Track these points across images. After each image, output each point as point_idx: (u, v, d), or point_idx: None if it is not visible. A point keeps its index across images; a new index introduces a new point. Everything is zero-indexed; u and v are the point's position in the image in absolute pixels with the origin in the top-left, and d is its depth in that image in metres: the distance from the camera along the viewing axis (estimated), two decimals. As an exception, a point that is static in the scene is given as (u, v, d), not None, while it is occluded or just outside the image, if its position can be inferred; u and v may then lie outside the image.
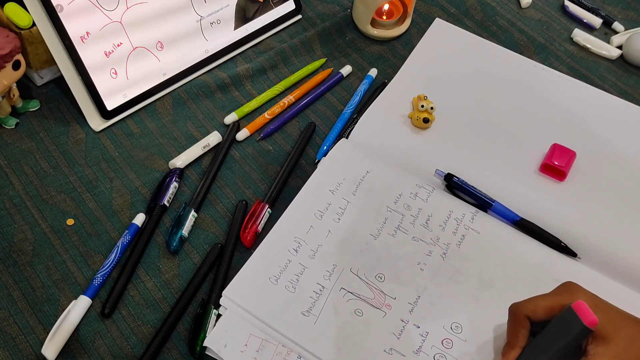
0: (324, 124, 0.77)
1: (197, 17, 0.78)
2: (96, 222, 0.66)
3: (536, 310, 0.54)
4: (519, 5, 0.92)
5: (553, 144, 0.73)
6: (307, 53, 0.84)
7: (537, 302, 0.54)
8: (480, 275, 0.63)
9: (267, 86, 0.80)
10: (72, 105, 0.74)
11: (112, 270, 0.63)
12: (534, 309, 0.54)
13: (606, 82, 0.84)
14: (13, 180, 0.68)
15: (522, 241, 0.66)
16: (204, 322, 0.59)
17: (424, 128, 0.75)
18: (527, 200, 0.69)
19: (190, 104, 0.77)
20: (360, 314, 0.60)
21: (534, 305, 0.54)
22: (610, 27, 0.91)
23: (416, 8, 0.89)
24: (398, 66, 0.82)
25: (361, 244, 0.65)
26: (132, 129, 0.74)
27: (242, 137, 0.74)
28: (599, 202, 0.70)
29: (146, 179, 0.70)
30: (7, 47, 0.66)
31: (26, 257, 0.63)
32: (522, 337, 0.55)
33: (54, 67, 0.72)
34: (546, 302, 0.54)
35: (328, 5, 0.89)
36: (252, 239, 0.65)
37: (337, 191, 0.68)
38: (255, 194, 0.70)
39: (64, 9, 0.68)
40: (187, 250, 0.65)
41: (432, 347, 0.58)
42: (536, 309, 0.54)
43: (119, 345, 0.58)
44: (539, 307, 0.54)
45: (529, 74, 0.82)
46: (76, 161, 0.70)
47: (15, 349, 0.57)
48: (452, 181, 0.70)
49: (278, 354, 0.57)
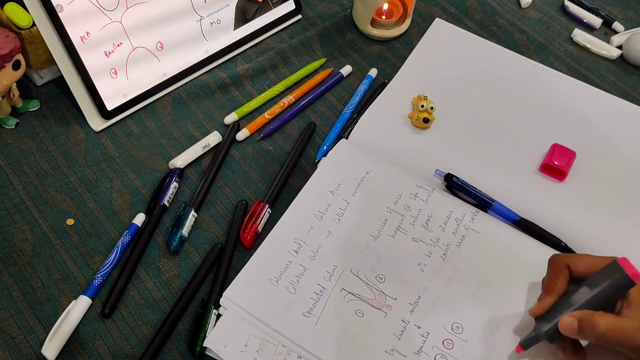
0: (324, 124, 0.77)
1: (197, 17, 0.78)
2: (96, 222, 0.66)
3: (578, 261, 0.55)
4: (519, 5, 0.92)
5: (553, 144, 0.73)
6: (307, 53, 0.84)
7: (580, 256, 0.55)
8: (481, 276, 0.63)
9: (267, 86, 0.80)
10: (72, 105, 0.74)
11: (112, 270, 0.62)
12: (575, 261, 0.55)
13: (606, 82, 0.84)
14: (13, 180, 0.68)
15: (522, 241, 0.66)
16: (204, 322, 0.59)
17: (424, 128, 0.75)
18: (527, 200, 0.69)
19: (190, 104, 0.77)
20: (361, 314, 0.60)
21: (577, 257, 0.55)
22: (610, 27, 0.91)
23: (416, 8, 0.89)
24: (398, 66, 0.82)
25: (361, 245, 0.65)
26: (132, 129, 0.74)
27: (242, 137, 0.74)
28: (599, 202, 0.70)
29: (146, 179, 0.70)
30: (7, 47, 0.66)
31: (26, 257, 0.63)
32: (560, 284, 0.55)
33: (54, 67, 0.72)
34: (590, 258, 0.55)
35: (328, 5, 0.89)
36: (252, 239, 0.65)
37: (337, 192, 0.68)
38: (255, 194, 0.70)
39: (64, 9, 0.68)
40: (187, 250, 0.65)
41: (433, 348, 0.58)
42: (577, 261, 0.55)
43: (119, 345, 0.58)
44: (581, 259, 0.55)
45: (529, 74, 0.82)
46: (76, 161, 0.70)
47: (15, 349, 0.57)
48: (452, 181, 0.70)
49: (278, 354, 0.57)
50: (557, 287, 0.55)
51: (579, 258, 0.55)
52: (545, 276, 0.57)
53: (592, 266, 0.54)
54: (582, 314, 0.51)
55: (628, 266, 0.51)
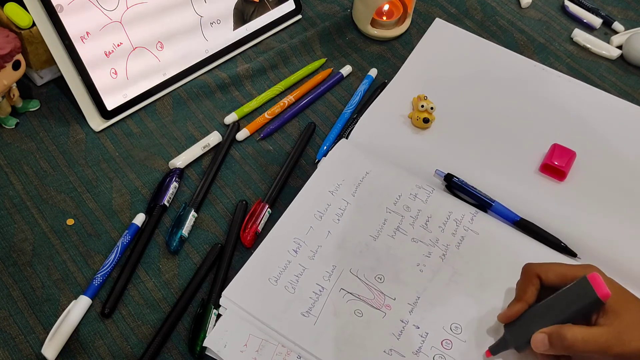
0: (324, 124, 0.77)
1: (197, 17, 0.78)
2: (96, 222, 0.66)
3: (549, 272, 0.55)
4: (519, 5, 0.92)
5: (553, 144, 0.73)
6: (307, 53, 0.84)
7: (552, 266, 0.56)
8: (480, 276, 0.63)
9: (267, 86, 0.80)
10: (72, 105, 0.74)
11: (112, 270, 0.63)
12: (547, 271, 0.55)
13: (606, 82, 0.84)
14: (13, 180, 0.68)
15: (521, 241, 0.66)
16: (204, 322, 0.59)
17: (424, 128, 0.75)
18: (527, 200, 0.69)
19: (190, 104, 0.77)
20: (360, 314, 0.60)
21: (548, 267, 0.56)
22: (610, 27, 0.91)
23: (416, 8, 0.89)
24: (398, 66, 0.82)
25: (361, 245, 0.65)
26: (132, 129, 0.74)
27: (242, 137, 0.74)
28: (599, 202, 0.70)
29: (146, 179, 0.70)
30: (7, 47, 0.66)
31: (26, 257, 0.63)
32: (530, 293, 0.55)
33: (54, 67, 0.72)
34: (561, 268, 0.55)
35: (328, 5, 0.89)
36: (252, 239, 0.65)
37: (336, 192, 0.68)
38: (255, 194, 0.70)
39: (64, 9, 0.68)
40: (187, 250, 0.65)
41: (432, 348, 0.58)
42: (549, 271, 0.55)
43: (119, 345, 0.59)
44: (551, 270, 0.55)
45: (529, 74, 0.82)
46: (76, 161, 0.70)
47: (15, 349, 0.57)
48: (452, 181, 0.70)
49: (278, 354, 0.57)
50: (526, 296, 0.55)
51: (550, 268, 0.56)
52: (517, 284, 0.58)
53: (563, 276, 0.55)
54: (552, 328, 0.52)
55: (598, 285, 0.51)
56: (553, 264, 0.56)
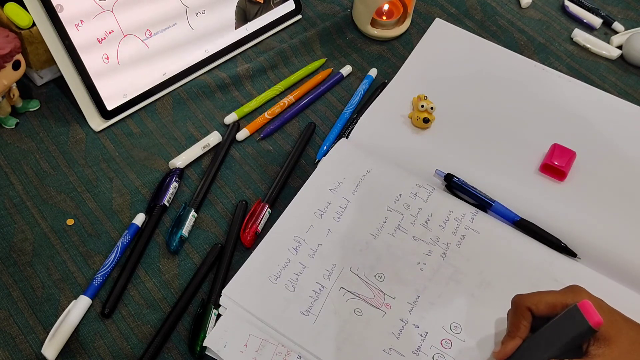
0: (324, 124, 0.77)
1: (197, 17, 0.78)
2: (96, 222, 0.66)
3: (539, 304, 0.54)
4: (519, 5, 0.92)
5: (553, 144, 0.73)
6: (307, 53, 0.84)
7: (541, 297, 0.55)
8: (480, 275, 0.63)
9: (267, 86, 0.80)
10: (72, 105, 0.74)
11: (112, 270, 0.63)
12: (537, 303, 0.54)
13: (606, 82, 0.84)
14: (13, 180, 0.68)
15: (522, 241, 0.66)
16: (204, 322, 0.59)
17: (424, 128, 0.75)
18: (527, 200, 0.69)
19: (190, 104, 0.77)
20: (360, 313, 0.60)
21: (538, 298, 0.55)
22: (610, 27, 0.91)
23: (416, 8, 0.89)
24: (398, 66, 0.82)
25: (361, 244, 0.65)
26: (132, 129, 0.74)
27: (242, 137, 0.74)
28: (599, 202, 0.70)
29: (146, 179, 0.70)
30: (7, 47, 0.66)
31: (26, 257, 0.63)
32: (523, 328, 0.55)
33: (54, 67, 0.72)
34: (550, 297, 0.54)
35: (328, 5, 0.89)
36: (252, 239, 0.65)
37: (337, 190, 0.68)
38: (255, 194, 0.70)
39: (64, 9, 0.68)
40: (187, 250, 0.65)
41: (432, 347, 0.58)
42: (539, 303, 0.54)
43: (119, 345, 0.59)
44: (542, 301, 0.54)
45: (529, 74, 0.82)
46: (76, 161, 0.70)
47: (15, 349, 0.57)
48: (452, 181, 0.70)
49: (278, 354, 0.57)
50: (519, 332, 0.55)
51: (540, 299, 0.54)
52: (508, 318, 0.57)
53: (553, 306, 0.54)
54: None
55: (589, 313, 0.50)
56: (542, 293, 0.55)
